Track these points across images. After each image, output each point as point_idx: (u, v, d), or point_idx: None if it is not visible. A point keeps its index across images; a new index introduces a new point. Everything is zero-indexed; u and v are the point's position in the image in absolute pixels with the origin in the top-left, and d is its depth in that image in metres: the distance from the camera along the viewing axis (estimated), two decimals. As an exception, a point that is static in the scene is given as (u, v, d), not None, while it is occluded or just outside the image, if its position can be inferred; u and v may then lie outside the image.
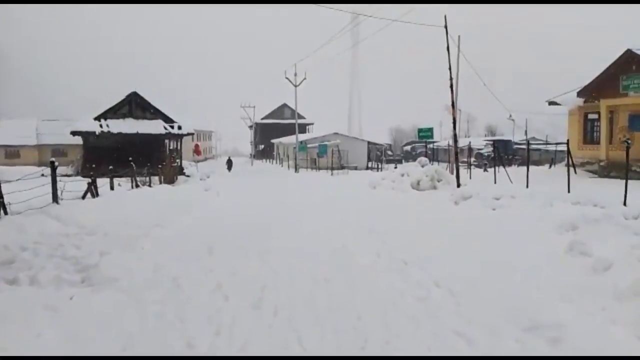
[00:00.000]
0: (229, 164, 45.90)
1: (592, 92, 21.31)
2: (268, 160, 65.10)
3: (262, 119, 74.14)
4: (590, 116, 23.65)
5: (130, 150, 30.23)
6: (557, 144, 26.10)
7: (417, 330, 4.63)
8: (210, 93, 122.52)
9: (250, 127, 68.72)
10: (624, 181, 11.33)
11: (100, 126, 34.89)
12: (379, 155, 49.25)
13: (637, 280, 5.13)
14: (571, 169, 16.27)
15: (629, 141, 14.33)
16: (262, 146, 74.47)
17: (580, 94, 21.94)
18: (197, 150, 44.79)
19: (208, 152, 76.28)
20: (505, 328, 4.57)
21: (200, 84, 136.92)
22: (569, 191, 13.61)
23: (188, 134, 38.38)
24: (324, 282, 6.26)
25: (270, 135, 69.22)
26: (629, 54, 19.41)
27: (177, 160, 35.73)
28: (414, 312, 5.14)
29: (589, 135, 24.05)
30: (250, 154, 68.58)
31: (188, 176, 31.13)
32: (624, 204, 10.65)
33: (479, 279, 6.18)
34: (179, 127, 36.84)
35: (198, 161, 48.26)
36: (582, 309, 4.95)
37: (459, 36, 22.28)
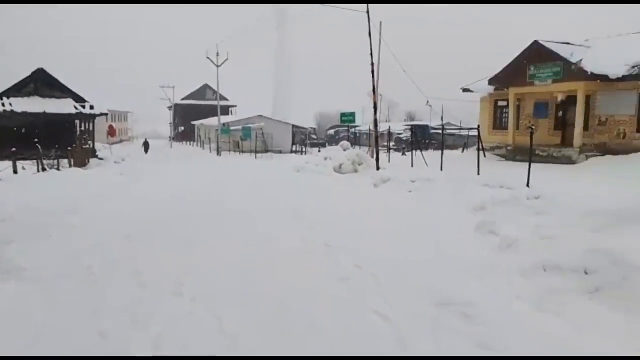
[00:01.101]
0: (146, 146, 43.98)
1: (502, 80, 22.66)
2: (189, 143, 63.12)
3: (182, 99, 71.52)
4: (500, 103, 25.19)
5: (37, 131, 28.04)
6: (469, 129, 27.58)
7: (338, 311, 4.72)
8: (128, 73, 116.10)
9: (170, 108, 66.17)
10: (528, 164, 12.20)
11: (2, 105, 31.92)
12: (303, 139, 49.44)
13: (537, 256, 5.57)
14: (481, 152, 17.28)
15: (533, 127, 15.46)
16: (182, 128, 72.08)
17: (491, 81, 23.25)
18: (111, 132, 42.29)
19: (124, 133, 72.46)
20: (419, 305, 4.79)
21: (115, 63, 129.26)
22: (478, 174, 14.46)
23: (101, 114, 36.11)
24: (247, 268, 6.19)
25: (191, 116, 67.00)
26: (536, 45, 20.80)
27: (89, 142, 33.58)
28: (336, 294, 5.23)
29: (499, 121, 25.64)
30: (170, 136, 66.15)
31: (101, 159, 29.49)
32: (527, 185, 11.48)
33: (398, 259, 6.41)
34: (91, 107, 34.56)
35: (112, 143, 45.71)
36: (490, 285, 5.31)
37: (380, 22, 22.73)
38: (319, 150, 33.20)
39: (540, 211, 8.71)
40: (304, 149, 43.93)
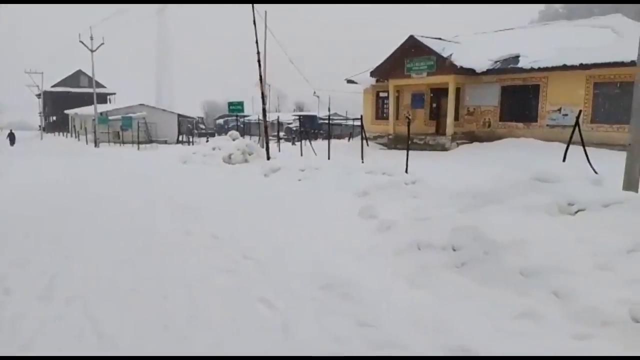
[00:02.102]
0: (11, 138, 39.67)
1: (382, 72, 23.84)
2: (62, 134, 57.98)
3: (53, 86, 65.29)
4: (382, 94, 26.52)
5: None
6: (354, 119, 28.66)
7: (223, 302, 4.69)
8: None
9: (39, 96, 60.10)
10: (406, 152, 13.02)
11: None
12: (190, 129, 47.82)
13: (412, 236, 6.00)
14: (365, 142, 18.09)
15: (410, 117, 16.51)
16: (55, 118, 65.98)
17: (372, 74, 24.36)
18: (-32, 123, 37.44)
19: (-16, 124, 64.59)
20: (304, 289, 4.92)
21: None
22: (363, 162, 15.13)
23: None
24: (127, 266, 5.88)
25: (65, 105, 61.44)
26: (412, 40, 22.15)
27: (-61, 134, 29.45)
28: (222, 285, 5.18)
29: (380, 112, 26.99)
30: (40, 127, 60.15)
31: (-44, 153, 26.02)
32: (406, 171, 12.25)
33: (285, 247, 6.51)
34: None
35: (-30, 135, 40.51)
36: (369, 265, 5.61)
37: (265, 11, 22.69)
38: (207, 140, 32.35)
39: (417, 195, 9.37)
40: (191, 139, 42.55)
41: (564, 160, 9.53)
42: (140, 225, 8.10)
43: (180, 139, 44.58)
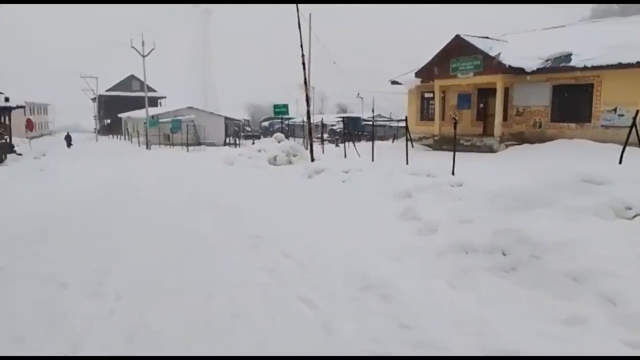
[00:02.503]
0: (68, 140, 41.75)
1: (428, 73, 23.52)
2: (116, 136, 60.43)
3: (107, 91, 68.20)
4: (426, 95, 26.15)
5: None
6: (398, 120, 28.42)
7: (265, 300, 4.78)
8: (47, 63, 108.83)
9: (94, 100, 62.92)
10: (453, 153, 12.80)
11: None
12: (237, 131, 48.80)
13: (455, 239, 5.92)
14: (410, 143, 17.91)
15: (457, 118, 16.21)
16: (109, 121, 68.83)
17: (417, 74, 24.07)
18: (29, 126, 39.64)
19: (44, 127, 68.31)
20: (344, 290, 4.96)
21: (34, 53, 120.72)
22: (407, 163, 14.99)
23: (17, 107, 33.79)
24: (172, 263, 6.10)
25: (118, 109, 64.04)
26: (458, 40, 21.74)
27: (5, 137, 31.36)
28: (263, 283, 5.29)
29: (425, 113, 26.62)
30: (95, 129, 62.99)
31: (19, 154, 27.64)
32: (452, 173, 12.05)
33: (326, 247, 6.56)
34: (6, 99, 32.20)
35: (32, 137, 42.90)
36: (410, 267, 5.57)
37: (309, 14, 22.83)
38: (253, 143, 32.93)
39: (461, 197, 9.18)
40: (237, 141, 43.39)
41: (620, 162, 9.12)
42: (186, 225, 8.36)
43: (227, 141, 45.53)
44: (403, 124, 20.44)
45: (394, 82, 26.99)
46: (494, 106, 21.20)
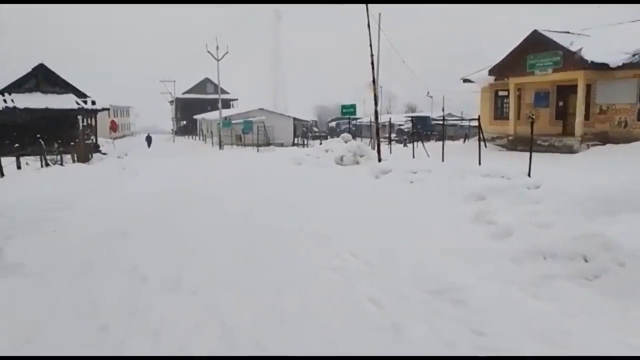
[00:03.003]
0: (148, 140, 44.17)
1: (502, 70, 22.60)
2: (191, 137, 63.19)
3: (184, 94, 71.47)
4: (501, 93, 25.14)
5: (39, 127, 28.16)
6: (470, 119, 27.54)
7: (334, 300, 4.79)
8: (129, 68, 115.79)
9: (171, 102, 66.21)
10: (529, 154, 12.21)
11: (4, 101, 32.02)
12: (305, 132, 49.44)
13: (533, 244, 5.62)
14: (482, 143, 17.30)
15: (534, 117, 15.45)
16: (185, 122, 72.10)
17: (491, 72, 23.20)
18: (113, 127, 42.53)
19: (126, 128, 72.72)
20: (413, 292, 4.86)
21: (118, 58, 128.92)
22: (479, 164, 14.48)
23: (103, 110, 36.27)
24: (244, 260, 6.26)
25: (193, 111, 66.95)
26: (535, 35, 20.72)
27: (92, 138, 33.74)
28: (332, 283, 5.30)
29: (499, 112, 25.60)
30: (172, 131, 66.22)
31: (104, 154, 29.62)
32: (529, 175, 11.50)
33: (394, 248, 6.48)
34: (93, 102, 34.66)
35: (115, 138, 45.89)
36: (484, 272, 5.36)
37: (379, 14, 22.64)
38: (321, 143, 33.21)
39: (539, 200, 8.73)
40: (305, 142, 43.94)
41: None
42: (256, 223, 8.56)
43: (295, 141, 46.24)
44: (475, 123, 19.77)
45: (466, 81, 26.19)
46: (575, 104, 20.01)
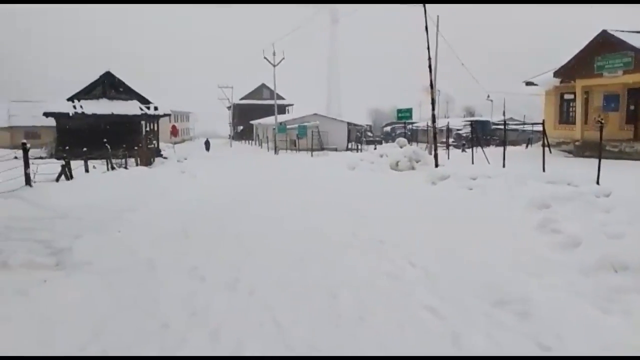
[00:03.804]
0: (207, 145, 45.52)
1: (568, 72, 21.58)
2: (247, 142, 64.57)
3: (241, 99, 73.20)
4: (566, 96, 23.99)
5: (105, 131, 29.71)
6: (533, 124, 26.47)
7: (390, 307, 4.70)
8: (189, 74, 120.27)
9: (229, 108, 68.01)
10: (598, 160, 11.54)
11: (74, 107, 34.08)
12: (358, 137, 49.30)
13: (603, 255, 5.28)
14: (547, 148, 16.54)
15: (602, 121, 14.61)
16: (241, 127, 73.76)
17: (556, 74, 22.20)
18: (174, 132, 44.10)
19: (186, 133, 75.31)
20: (475, 303, 4.68)
21: (178, 64, 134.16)
22: (544, 170, 13.86)
23: (164, 115, 37.78)
24: (299, 263, 6.29)
25: (249, 116, 68.44)
26: (604, 35, 19.66)
27: (154, 142, 35.23)
28: (388, 290, 5.21)
29: (565, 116, 24.44)
30: (229, 135, 68.02)
31: (165, 158, 30.79)
32: (597, 182, 10.88)
33: (453, 256, 6.29)
34: (155, 108, 36.21)
35: (175, 143, 47.65)
36: (549, 283, 5.09)
37: (437, 16, 22.28)
38: (375, 148, 32.98)
39: (608, 209, 8.20)
40: (359, 147, 43.79)
41: None
42: (310, 226, 8.58)
43: (349, 146, 46.20)
44: (538, 127, 18.96)
45: (528, 83, 25.21)
46: (648, 107, 18.77)
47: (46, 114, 34.07)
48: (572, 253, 5.91)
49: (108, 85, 35.98)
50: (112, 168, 19.53)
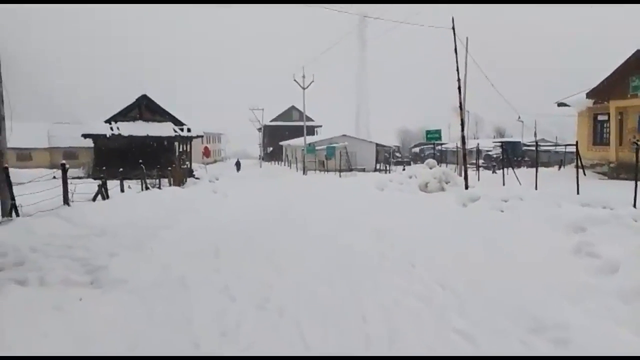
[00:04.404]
0: (238, 165, 46.22)
1: (601, 93, 21.13)
2: (277, 162, 65.25)
3: (271, 121, 74.31)
4: (600, 117, 23.43)
5: (141, 152, 30.52)
6: (566, 145, 25.91)
7: (420, 330, 4.65)
8: (220, 95, 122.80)
9: (259, 129, 69.03)
10: (634, 182, 11.21)
11: (111, 129, 35.25)
12: (387, 157, 49.19)
13: (643, 281, 5.11)
14: (580, 170, 16.16)
15: (638, 142, 14.21)
16: (271, 148, 74.66)
17: (589, 95, 21.76)
18: (206, 153, 45.06)
19: (217, 154, 76.58)
20: (510, 328, 4.58)
21: (210, 86, 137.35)
22: (578, 192, 13.53)
23: (197, 137, 38.64)
24: (328, 283, 6.29)
25: (279, 137, 69.35)
26: (638, 55, 19.25)
27: (187, 163, 35.97)
28: (418, 312, 5.15)
29: (599, 137, 23.83)
30: (259, 156, 68.94)
31: (197, 178, 31.31)
32: (634, 205, 10.55)
33: (485, 280, 6.18)
34: (189, 130, 37.09)
35: (207, 163, 48.53)
36: (587, 309, 4.94)
37: (466, 38, 22.25)
38: (404, 169, 32.83)
39: (648, 233, 7.95)
40: (388, 167, 43.65)
41: None
42: (340, 246, 8.58)
43: (377, 167, 46.10)
44: (571, 149, 18.56)
45: (560, 104, 24.75)
46: (688, 128, 18.16)
47: (84, 136, 35.30)
48: (611, 278, 5.72)
49: (144, 108, 37.15)
50: (147, 188, 19.99)
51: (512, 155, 27.75)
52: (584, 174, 17.86)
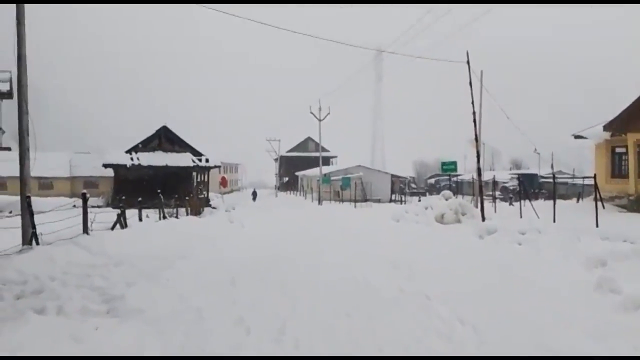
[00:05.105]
0: (254, 195, 46.54)
1: (619, 126, 20.97)
2: (292, 192, 65.49)
3: (287, 152, 75.07)
4: (618, 150, 23.19)
5: (159, 182, 30.97)
6: (584, 177, 25.61)
7: (439, 367, 4.56)
8: (238, 127, 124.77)
9: (276, 160, 69.70)
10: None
11: (131, 159, 35.91)
12: (402, 188, 49.08)
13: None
14: (599, 203, 15.94)
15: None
16: (287, 178, 75.18)
17: (606, 127, 21.61)
18: (223, 183, 45.49)
19: (234, 184, 77.25)
20: (531, 367, 4.48)
21: (228, 118, 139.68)
22: (597, 226, 13.32)
23: (215, 167, 39.12)
24: (345, 316, 6.23)
25: (295, 167, 69.87)
26: (656, 87, 19.16)
27: (204, 192, 36.34)
28: (437, 348, 5.06)
29: (617, 169, 23.53)
30: (275, 186, 69.37)
31: (214, 208, 31.55)
32: (656, 239, 10.35)
33: (505, 316, 6.06)
34: (207, 160, 37.61)
35: (224, 193, 48.91)
36: (613, 349, 4.80)
37: (481, 71, 22.45)
38: (419, 200, 32.67)
39: (672, 268, 7.77)
40: (403, 198, 43.49)
41: None
42: (355, 278, 8.49)
43: (392, 197, 45.97)
44: (589, 181, 18.34)
45: (577, 137, 24.60)
46: None
47: (105, 165, 36.02)
48: (635, 315, 5.58)
49: (164, 138, 37.90)
50: (164, 217, 20.19)
51: (529, 188, 27.50)
52: (603, 207, 17.58)
